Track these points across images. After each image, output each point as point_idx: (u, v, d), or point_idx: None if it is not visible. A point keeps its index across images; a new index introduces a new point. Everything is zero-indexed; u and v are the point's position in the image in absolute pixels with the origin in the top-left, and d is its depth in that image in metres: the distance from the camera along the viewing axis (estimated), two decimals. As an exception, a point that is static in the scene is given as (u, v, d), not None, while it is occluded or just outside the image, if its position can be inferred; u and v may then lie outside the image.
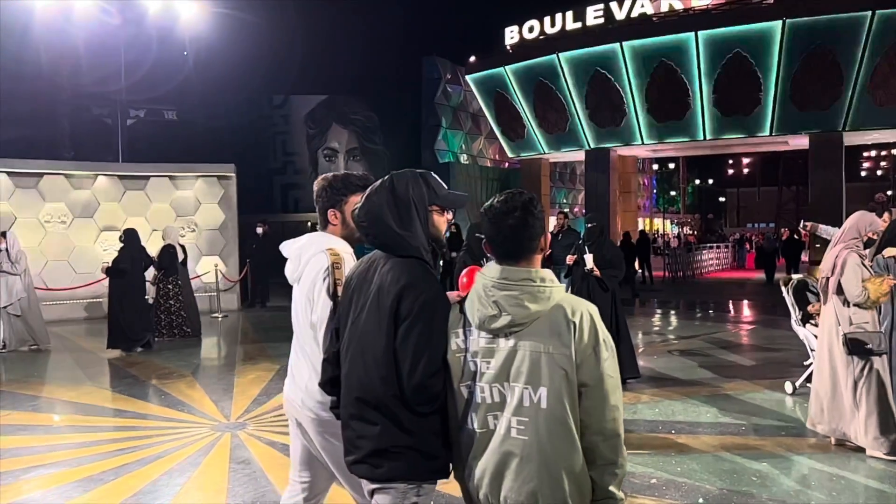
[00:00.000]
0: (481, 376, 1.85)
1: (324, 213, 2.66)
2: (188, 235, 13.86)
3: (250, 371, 7.92)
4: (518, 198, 1.88)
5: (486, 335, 1.85)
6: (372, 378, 1.97)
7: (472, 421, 1.87)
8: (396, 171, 2.17)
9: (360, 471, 2.05)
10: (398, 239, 2.04)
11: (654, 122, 22.67)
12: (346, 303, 2.16)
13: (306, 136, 33.16)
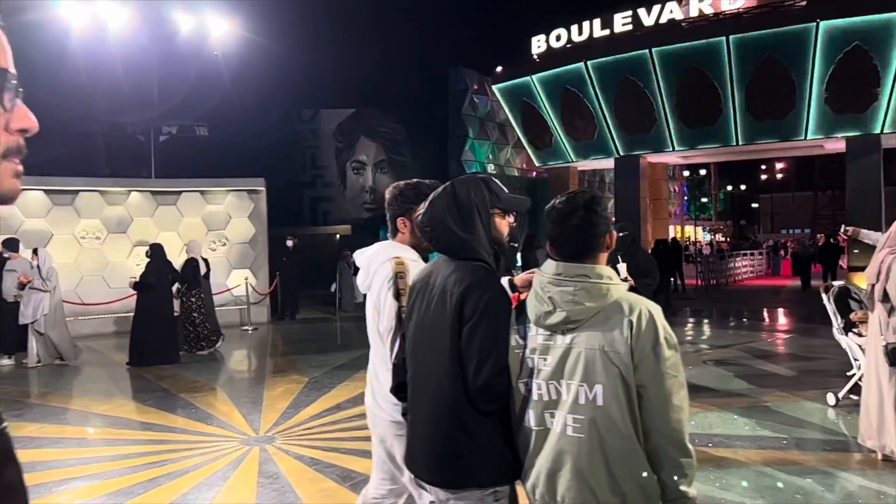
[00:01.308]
0: (538, 373, 1.84)
1: (393, 221, 2.68)
2: (219, 249, 14.01)
3: (279, 384, 7.92)
4: (580, 197, 1.87)
5: (544, 332, 1.85)
6: (440, 380, 1.99)
7: (529, 418, 1.86)
8: (458, 177, 2.21)
9: (429, 476, 2.04)
10: (461, 242, 2.07)
11: (684, 129, 22.37)
12: (411, 308, 2.20)
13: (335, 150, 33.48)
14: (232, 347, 11.18)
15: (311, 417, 6.32)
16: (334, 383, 7.80)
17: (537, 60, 25.20)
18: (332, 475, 4.73)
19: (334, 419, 6.26)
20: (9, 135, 0.71)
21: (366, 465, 4.87)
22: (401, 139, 33.02)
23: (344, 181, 33.49)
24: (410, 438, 2.14)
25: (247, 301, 13.41)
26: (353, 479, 4.63)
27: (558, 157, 26.19)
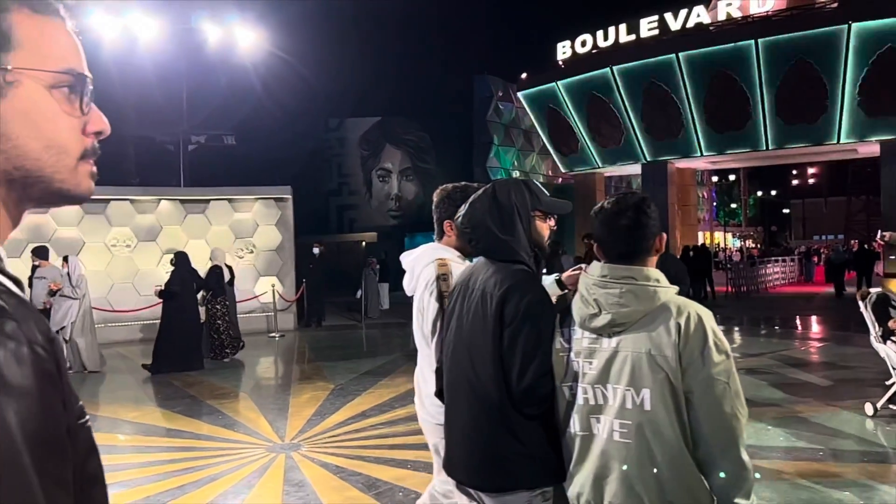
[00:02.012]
0: (583, 377, 1.80)
1: (440, 224, 2.69)
2: (246, 257, 14.13)
3: (305, 391, 7.93)
4: (630, 198, 1.84)
5: (589, 335, 1.81)
6: (482, 384, 1.96)
7: (574, 423, 1.82)
8: (499, 179, 2.20)
9: (475, 481, 2.01)
10: (501, 244, 2.05)
11: (713, 134, 22.06)
12: (450, 311, 2.18)
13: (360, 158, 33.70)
14: (259, 354, 11.25)
15: (337, 425, 6.31)
16: (360, 390, 7.79)
17: (562, 66, 25.08)
18: (357, 483, 4.70)
19: (359, 427, 6.24)
20: (85, 137, 0.75)
21: (391, 474, 4.85)
22: (426, 146, 33.11)
23: (370, 189, 33.67)
24: (450, 443, 2.12)
25: (274, 308, 13.49)
26: (379, 487, 4.60)
27: (584, 163, 26.00)
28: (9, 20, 0.69)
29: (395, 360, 9.85)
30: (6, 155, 0.69)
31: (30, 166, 0.70)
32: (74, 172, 0.74)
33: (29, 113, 0.69)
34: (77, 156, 0.74)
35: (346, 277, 20.42)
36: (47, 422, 0.58)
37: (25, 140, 0.69)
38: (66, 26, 0.75)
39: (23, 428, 0.55)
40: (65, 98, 0.72)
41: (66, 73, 0.73)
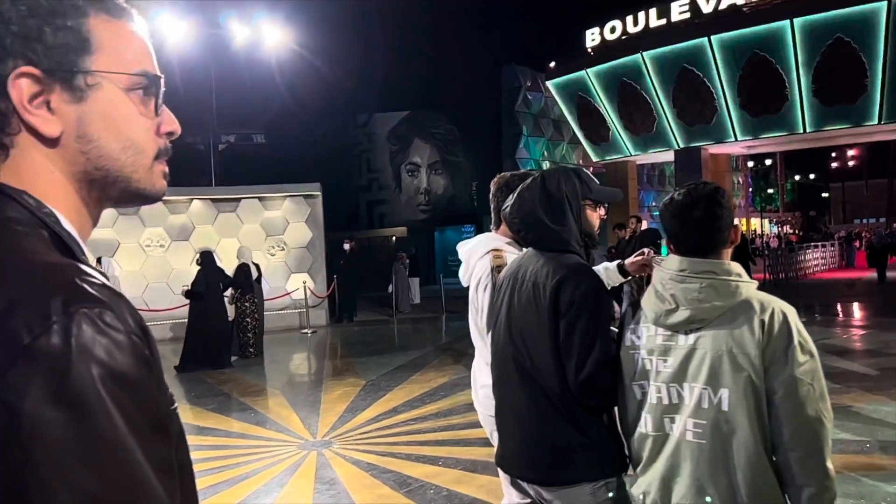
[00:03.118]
0: (657, 375, 1.72)
1: (497, 213, 2.63)
2: (277, 254, 14.23)
3: (337, 387, 7.94)
4: (702, 188, 1.75)
5: (663, 331, 1.72)
6: (539, 377, 1.92)
7: (645, 423, 1.74)
8: (547, 169, 2.16)
9: (533, 476, 1.97)
10: (552, 234, 2.02)
11: (747, 117, 21.56)
12: (498, 304, 2.14)
13: (389, 153, 33.75)
14: (291, 350, 11.32)
15: (368, 421, 6.29)
16: (391, 386, 7.76)
17: (591, 54, 24.75)
18: (389, 481, 4.66)
19: (391, 423, 6.21)
20: (159, 138, 0.77)
21: (422, 471, 4.80)
22: (454, 139, 33.00)
23: (399, 184, 33.69)
24: (505, 437, 2.07)
25: (305, 304, 13.57)
26: (410, 485, 4.56)
27: (616, 151, 25.66)
28: (88, 25, 0.71)
29: (426, 356, 9.82)
30: (88, 156, 0.72)
31: (110, 167, 0.73)
32: (150, 172, 0.77)
33: (108, 115, 0.72)
34: (153, 156, 0.77)
35: (377, 273, 20.47)
36: (149, 407, 0.60)
37: (106, 141, 0.72)
38: (139, 29, 0.77)
39: (130, 415, 0.57)
40: (140, 100, 0.75)
41: (141, 76, 0.75)
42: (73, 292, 0.59)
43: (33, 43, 0.68)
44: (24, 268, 0.61)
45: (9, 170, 0.70)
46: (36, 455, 0.53)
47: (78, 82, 0.70)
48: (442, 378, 7.99)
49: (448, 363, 9.02)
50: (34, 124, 0.69)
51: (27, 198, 0.69)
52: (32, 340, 0.55)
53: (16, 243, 0.64)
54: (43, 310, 0.56)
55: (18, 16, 0.68)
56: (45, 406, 0.54)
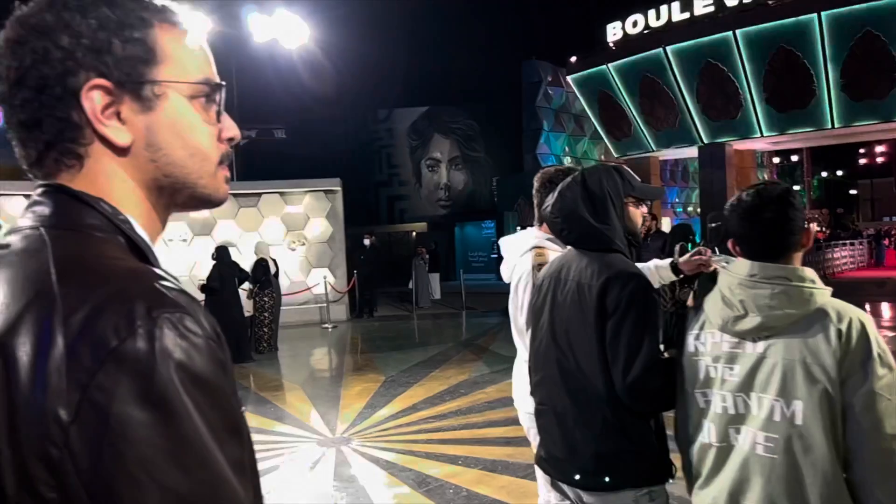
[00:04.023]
0: (722, 383, 1.64)
1: (540, 209, 2.58)
2: (298, 249, 14.27)
3: (357, 383, 7.92)
4: (773, 189, 1.68)
5: (730, 338, 1.64)
6: (585, 379, 1.88)
7: (709, 432, 1.66)
8: (587, 167, 2.12)
9: (577, 480, 1.93)
10: (596, 232, 1.98)
11: (773, 113, 21.18)
12: (540, 305, 2.10)
13: (409, 148, 33.75)
14: (312, 345, 11.34)
15: (387, 418, 6.26)
16: (411, 382, 7.73)
17: (613, 48, 24.46)
18: (408, 480, 4.62)
19: (410, 420, 6.17)
20: (221, 144, 0.80)
21: (442, 470, 4.76)
22: (474, 135, 32.88)
23: (419, 179, 33.66)
24: (548, 440, 2.04)
25: (326, 299, 13.59)
26: (429, 484, 4.51)
27: (638, 147, 25.35)
28: (153, 36, 0.73)
29: (446, 352, 9.77)
30: (157, 164, 0.74)
31: (177, 174, 0.75)
32: (214, 178, 0.79)
33: (175, 124, 0.74)
34: (216, 162, 0.79)
35: (397, 268, 20.46)
36: (226, 409, 0.62)
37: (173, 149, 0.74)
38: (199, 37, 0.79)
39: (209, 416, 0.59)
40: (202, 107, 0.77)
41: (204, 84, 0.77)
42: (155, 297, 0.61)
43: (104, 55, 0.70)
44: (108, 273, 0.63)
45: (84, 178, 0.72)
46: (125, 453, 0.55)
47: (146, 92, 0.73)
48: (462, 375, 7.94)
49: (468, 360, 8.97)
50: (106, 134, 0.71)
51: (104, 205, 0.71)
52: (119, 344, 0.57)
53: (97, 249, 0.67)
54: (128, 314, 0.58)
55: (89, 29, 0.70)
56: (133, 407, 0.56)
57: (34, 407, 0.56)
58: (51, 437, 0.55)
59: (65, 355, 0.56)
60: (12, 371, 0.57)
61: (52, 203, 0.71)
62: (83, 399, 0.55)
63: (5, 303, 0.61)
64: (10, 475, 0.56)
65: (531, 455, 4.85)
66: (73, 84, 0.69)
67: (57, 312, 0.58)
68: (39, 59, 0.69)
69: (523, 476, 4.53)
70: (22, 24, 0.70)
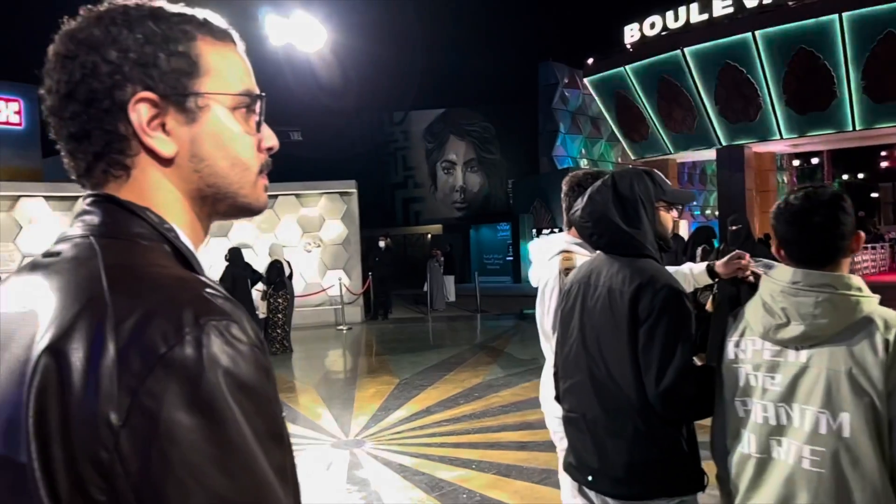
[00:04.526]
0: (763, 393, 1.59)
1: (569, 213, 2.56)
2: (314, 251, 14.30)
3: (371, 385, 7.90)
4: (823, 192, 1.62)
5: (771, 346, 1.59)
6: (617, 387, 1.85)
7: (748, 443, 1.61)
8: (617, 170, 2.09)
9: (608, 488, 1.91)
10: (627, 237, 1.95)
11: (793, 115, 20.94)
12: (569, 311, 2.07)
13: (425, 150, 33.76)
14: (327, 347, 11.34)
15: (401, 421, 6.22)
16: (424, 385, 7.69)
17: (631, 50, 24.31)
18: (421, 484, 4.58)
19: (424, 423, 6.13)
20: (260, 154, 0.82)
21: (455, 474, 4.71)
22: (490, 137, 32.82)
23: (434, 181, 33.66)
24: (578, 448, 2.00)
25: (341, 301, 13.61)
26: (442, 488, 4.47)
27: (655, 149, 25.17)
28: (197, 49, 0.75)
29: (461, 355, 9.72)
30: (200, 174, 0.76)
31: (220, 183, 0.77)
32: (255, 187, 0.81)
33: (217, 135, 0.76)
34: (257, 171, 0.81)
35: (412, 270, 20.46)
36: (269, 415, 0.63)
37: (216, 160, 0.76)
38: (239, 49, 0.82)
39: (255, 422, 0.60)
40: (243, 118, 0.79)
41: (244, 95, 0.79)
42: (203, 305, 0.62)
43: (150, 69, 0.72)
44: (156, 281, 0.65)
45: (130, 189, 0.74)
46: (172, 457, 0.56)
47: (190, 104, 0.74)
48: (476, 379, 7.89)
49: (483, 363, 8.92)
50: (152, 146, 0.73)
51: (150, 214, 0.73)
52: (168, 350, 0.58)
53: (145, 257, 0.69)
54: (176, 321, 0.60)
55: (136, 43, 0.72)
56: (181, 412, 0.57)
57: (86, 411, 0.57)
58: (101, 440, 0.57)
59: (116, 361, 0.58)
60: (66, 375, 0.59)
61: (101, 212, 0.72)
62: (133, 404, 0.57)
63: (59, 309, 0.63)
64: (63, 477, 0.57)
65: (546, 460, 4.81)
66: (120, 97, 0.71)
67: (108, 319, 0.60)
68: (88, 74, 0.71)
69: (538, 481, 4.48)
70: (71, 38, 0.72)
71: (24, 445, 0.59)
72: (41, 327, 0.62)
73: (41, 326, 0.62)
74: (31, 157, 25.78)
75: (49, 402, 0.59)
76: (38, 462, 0.58)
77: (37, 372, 0.60)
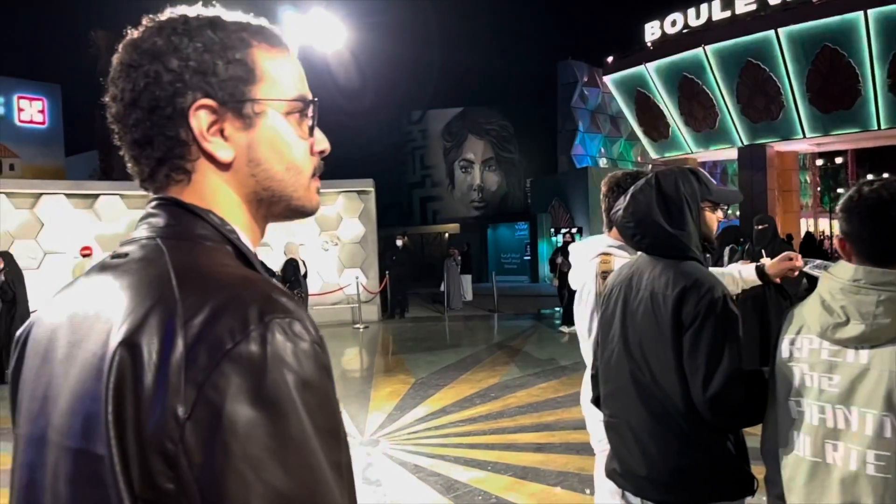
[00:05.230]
0: (820, 394, 1.53)
1: (608, 214, 2.54)
2: (331, 249, 14.32)
3: (387, 384, 7.87)
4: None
5: (829, 345, 1.53)
6: (666, 393, 1.80)
7: (802, 445, 1.55)
8: (660, 170, 2.03)
9: (653, 494, 1.88)
10: (671, 239, 1.89)
11: (817, 114, 20.62)
12: (609, 315, 2.02)
13: (443, 149, 33.74)
14: (344, 345, 11.34)
15: (417, 421, 6.18)
16: (441, 385, 7.65)
17: (651, 48, 24.09)
18: (436, 485, 4.53)
19: (439, 423, 6.09)
20: (313, 157, 0.84)
21: (470, 476, 4.66)
22: (508, 136, 32.73)
23: (452, 180, 33.63)
24: (622, 453, 1.96)
25: (358, 300, 13.61)
26: (457, 490, 4.42)
27: (676, 148, 24.92)
28: (253, 56, 0.78)
29: (477, 354, 9.67)
30: (256, 178, 0.79)
31: (275, 187, 0.80)
32: (308, 190, 0.83)
33: (273, 139, 0.78)
34: (310, 174, 0.83)
35: (429, 269, 20.44)
36: (329, 412, 0.65)
37: (271, 164, 0.79)
38: (292, 55, 0.83)
39: (315, 418, 0.62)
40: (297, 122, 0.81)
41: (298, 101, 0.81)
42: (268, 303, 0.64)
43: (209, 76, 0.75)
44: (223, 279, 0.67)
45: (192, 192, 0.77)
46: (234, 450, 0.58)
47: (246, 111, 0.77)
48: (493, 379, 7.83)
49: (500, 363, 8.86)
50: (211, 151, 0.75)
51: (213, 216, 0.76)
52: (234, 346, 0.60)
53: (210, 257, 0.71)
54: (243, 318, 0.62)
55: (196, 52, 0.74)
56: (244, 406, 0.59)
57: (156, 403, 0.60)
58: (168, 432, 0.59)
59: (184, 356, 0.60)
60: (140, 368, 0.61)
61: (166, 215, 0.75)
62: (198, 397, 0.59)
63: (131, 306, 0.65)
64: (136, 466, 0.60)
65: (563, 463, 4.75)
66: (181, 104, 0.74)
67: (178, 316, 0.62)
68: (151, 82, 0.74)
69: (554, 484, 4.41)
70: (135, 48, 0.75)
71: (103, 437, 0.61)
72: (115, 324, 0.65)
73: (115, 323, 0.65)
74: (55, 156, 26.20)
75: (125, 394, 0.61)
76: (117, 453, 0.60)
77: (113, 365, 0.62)
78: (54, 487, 0.67)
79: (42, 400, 0.71)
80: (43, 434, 0.70)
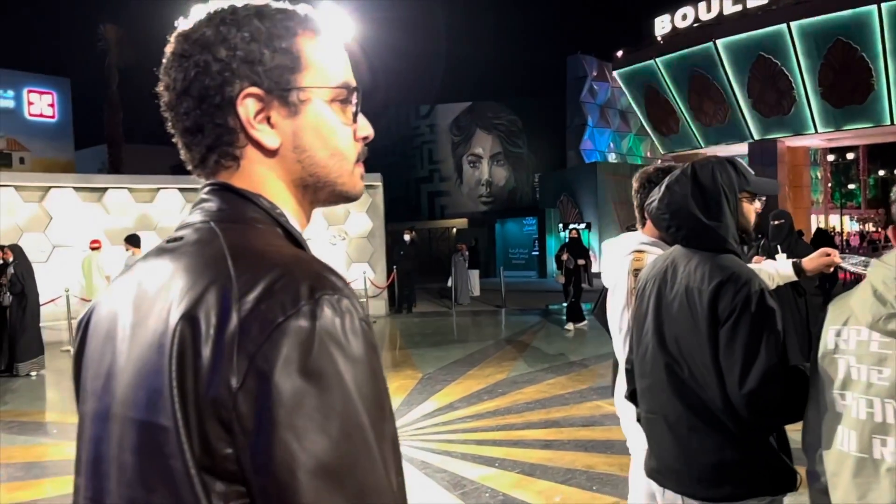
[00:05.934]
0: (868, 387, 1.47)
1: (641, 210, 2.50)
2: (339, 244, 14.31)
3: (394, 379, 7.84)
4: None
5: (879, 337, 1.46)
6: (704, 388, 1.77)
7: (848, 440, 1.48)
8: (697, 160, 1.97)
9: (692, 490, 1.84)
10: (707, 231, 1.85)
11: (829, 108, 20.44)
12: (644, 309, 1.99)
13: (451, 144, 33.68)
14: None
15: (424, 416, 6.15)
16: (448, 380, 7.61)
17: (661, 42, 23.93)
18: (443, 482, 4.50)
19: (446, 419, 6.05)
20: (357, 143, 0.85)
21: (477, 472, 4.63)
22: (517, 131, 32.63)
23: (460, 175, 33.58)
24: (659, 449, 1.93)
25: (365, 294, 13.59)
26: (464, 486, 4.38)
27: (685, 143, 24.78)
28: (298, 44, 0.79)
29: (485, 350, 9.63)
30: (302, 164, 0.80)
31: (320, 173, 0.82)
32: (352, 175, 0.85)
33: (318, 126, 0.80)
34: (354, 160, 0.85)
35: (437, 264, 20.41)
36: (375, 386, 0.66)
37: (316, 150, 0.80)
38: (337, 42, 0.85)
39: (360, 391, 0.63)
40: (340, 109, 0.82)
41: (342, 88, 0.82)
42: (318, 280, 0.66)
43: (256, 65, 0.77)
44: (276, 258, 0.69)
45: (241, 178, 0.79)
46: (280, 418, 0.60)
47: (292, 98, 0.78)
48: (500, 374, 7.79)
49: (507, 359, 8.81)
50: (258, 138, 0.78)
51: (263, 200, 0.78)
52: (285, 320, 0.62)
53: (263, 238, 0.74)
54: (294, 294, 0.64)
55: (243, 41, 0.76)
56: (291, 377, 0.61)
57: (213, 374, 0.62)
58: (223, 401, 0.62)
59: (238, 329, 0.63)
60: (198, 341, 0.64)
61: (219, 199, 0.78)
62: (250, 368, 0.61)
63: (189, 284, 0.68)
64: (196, 434, 0.63)
65: (570, 459, 4.70)
66: (229, 93, 0.76)
67: (233, 292, 0.65)
68: (201, 71, 0.76)
69: (562, 481, 4.37)
70: (186, 38, 0.78)
71: (167, 409, 0.64)
72: (175, 301, 0.67)
73: (174, 301, 0.68)
74: (64, 149, 26.30)
75: (186, 366, 0.64)
76: (182, 423, 0.63)
77: (175, 339, 0.65)
78: (120, 458, 0.70)
79: (106, 377, 0.74)
80: (107, 409, 0.73)
